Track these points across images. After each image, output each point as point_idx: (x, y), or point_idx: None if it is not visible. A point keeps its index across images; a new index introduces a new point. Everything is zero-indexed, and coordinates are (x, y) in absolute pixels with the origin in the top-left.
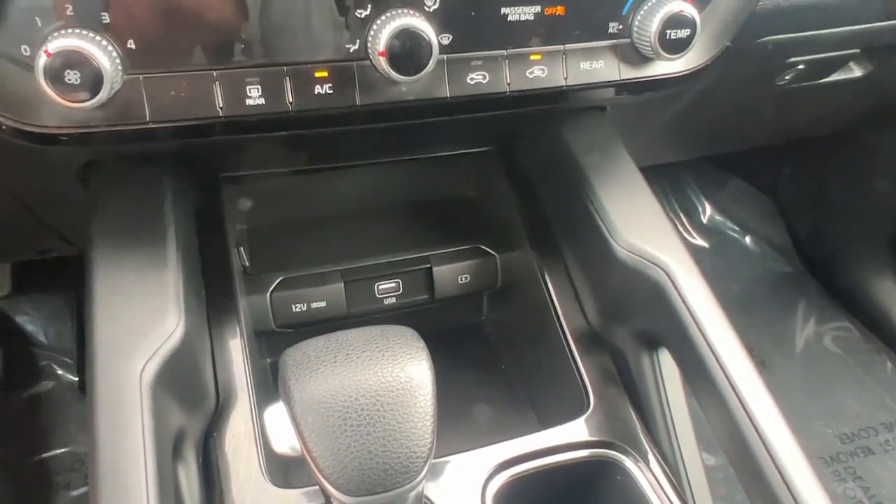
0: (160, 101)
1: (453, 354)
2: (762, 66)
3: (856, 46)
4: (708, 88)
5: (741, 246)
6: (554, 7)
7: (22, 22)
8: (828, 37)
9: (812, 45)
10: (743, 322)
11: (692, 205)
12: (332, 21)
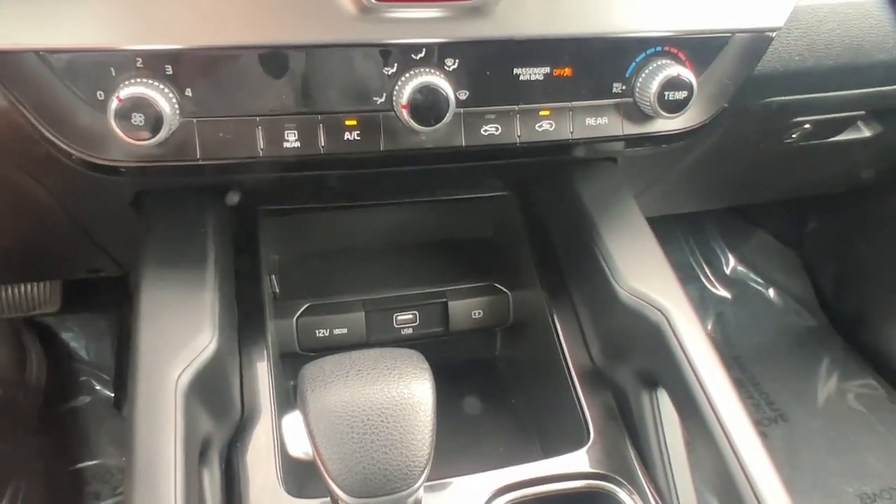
0: (209, 142)
1: (467, 385)
2: (768, 124)
3: (861, 108)
4: (717, 143)
5: (764, 298)
6: (562, 69)
7: (99, 71)
8: (832, 99)
9: (816, 106)
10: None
11: (715, 255)
12: (362, 77)
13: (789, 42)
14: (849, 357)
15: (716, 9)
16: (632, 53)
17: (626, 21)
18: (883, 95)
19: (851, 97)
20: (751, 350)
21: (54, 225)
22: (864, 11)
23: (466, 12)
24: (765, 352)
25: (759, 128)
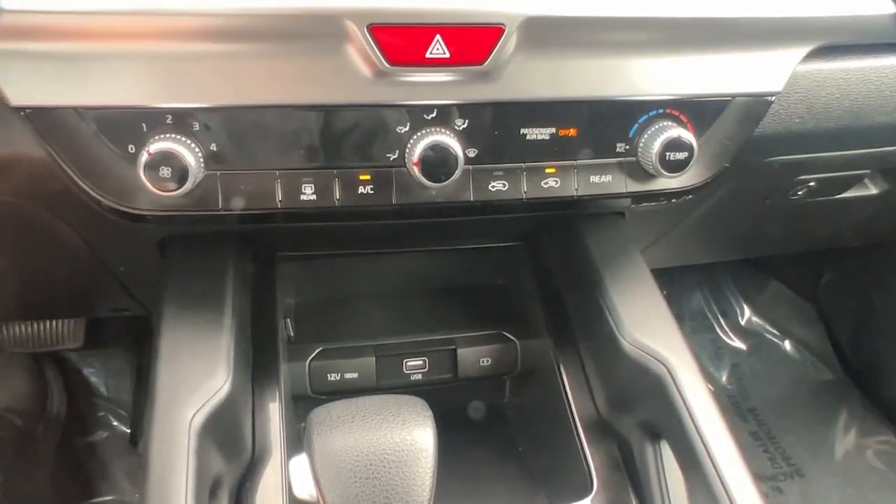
0: (231, 193)
1: (474, 432)
2: (772, 181)
3: (866, 167)
4: (723, 198)
5: (780, 350)
6: (567, 129)
7: (131, 126)
8: (836, 158)
9: (821, 165)
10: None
11: (730, 305)
12: (376, 135)
13: (789, 105)
14: (867, 412)
15: (716, 73)
16: (634, 115)
17: (628, 85)
18: (887, 155)
19: (855, 156)
20: (767, 402)
21: (82, 265)
22: (862, 76)
23: (476, 76)
24: (781, 404)
25: (763, 185)
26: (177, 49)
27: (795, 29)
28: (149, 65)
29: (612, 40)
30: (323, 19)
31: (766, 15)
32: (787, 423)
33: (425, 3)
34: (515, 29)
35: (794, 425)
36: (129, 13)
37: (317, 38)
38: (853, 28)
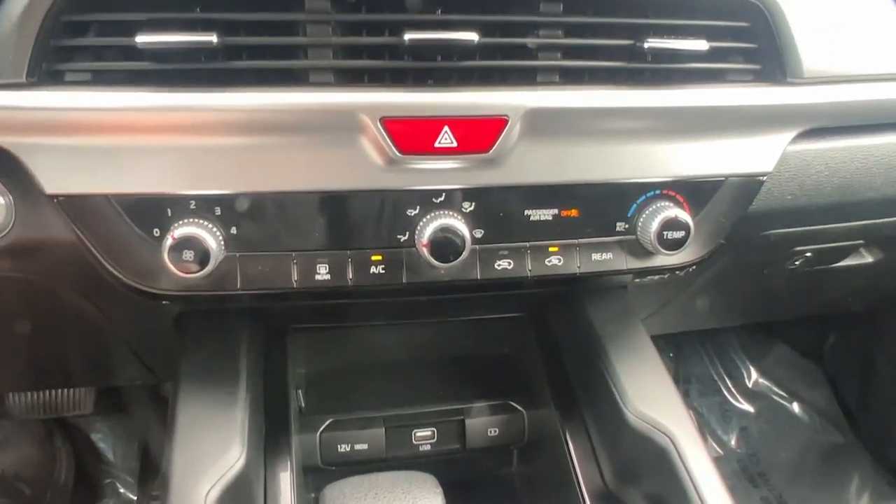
0: (249, 274)
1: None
2: (769, 253)
3: (860, 238)
4: (722, 269)
5: (788, 412)
6: (569, 210)
7: (157, 212)
8: (830, 230)
9: (815, 237)
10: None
11: (736, 368)
12: (388, 218)
13: (780, 183)
14: (879, 476)
15: (709, 156)
16: (632, 196)
17: (625, 168)
18: (878, 227)
19: (848, 228)
20: (777, 467)
21: (100, 338)
22: (848, 155)
23: (481, 163)
24: (792, 469)
25: (761, 256)
26: (201, 141)
27: (782, 115)
28: (175, 155)
29: (608, 128)
30: (339, 114)
31: (755, 103)
32: (799, 489)
33: (434, 97)
34: (518, 119)
35: (806, 491)
36: (156, 109)
37: (333, 131)
38: (835, 113)
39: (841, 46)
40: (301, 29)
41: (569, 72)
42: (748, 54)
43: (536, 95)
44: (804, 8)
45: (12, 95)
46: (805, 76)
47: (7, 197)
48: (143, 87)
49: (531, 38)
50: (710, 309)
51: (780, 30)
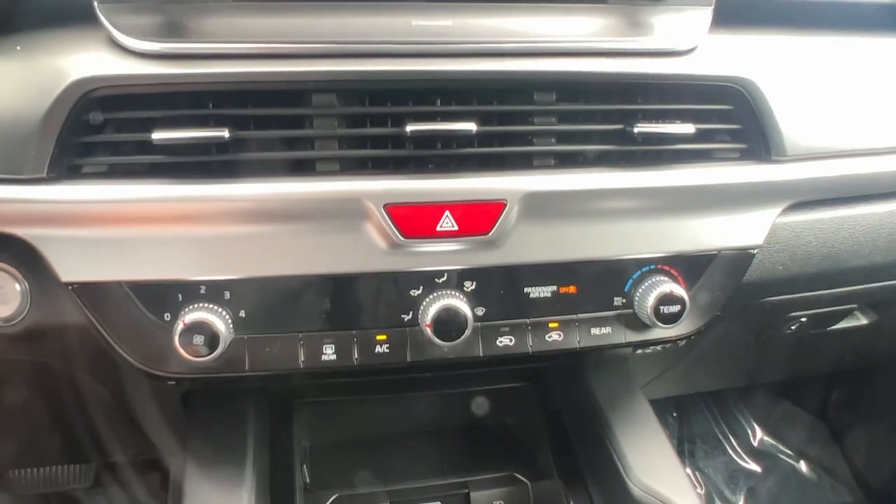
0: (257, 356)
1: None
2: (765, 319)
3: (853, 302)
4: (719, 336)
5: (795, 471)
6: (567, 287)
7: (168, 297)
8: (822, 296)
9: (809, 302)
10: None
11: (741, 428)
12: (392, 299)
13: (771, 255)
14: None
15: (701, 231)
16: (628, 272)
17: (620, 246)
18: (870, 291)
19: (841, 294)
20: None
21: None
22: (835, 225)
23: (482, 245)
24: None
25: (757, 322)
26: (212, 230)
27: (769, 191)
28: (186, 243)
29: (602, 208)
30: (344, 201)
31: (742, 180)
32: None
33: (435, 183)
34: (516, 203)
35: None
36: (168, 200)
37: (339, 217)
38: (820, 187)
39: (822, 124)
40: (308, 121)
41: (563, 156)
42: (733, 134)
43: (533, 179)
44: (784, 90)
45: (33, 190)
46: (788, 154)
47: (23, 284)
48: (156, 180)
49: (526, 126)
50: (710, 372)
51: (762, 111)
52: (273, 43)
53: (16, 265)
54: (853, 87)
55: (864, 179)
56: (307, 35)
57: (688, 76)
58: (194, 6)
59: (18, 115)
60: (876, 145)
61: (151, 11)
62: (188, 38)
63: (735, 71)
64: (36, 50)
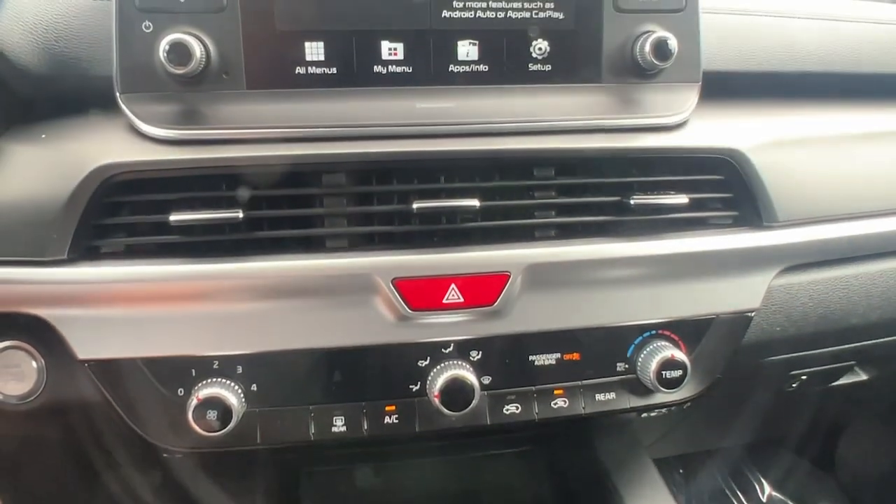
0: (268, 429)
1: None
2: (766, 378)
3: (852, 359)
4: (721, 396)
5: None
6: (571, 354)
7: (182, 372)
8: (821, 354)
9: (808, 361)
10: None
11: (749, 483)
12: (400, 370)
13: (768, 316)
14: None
15: (699, 297)
16: (630, 338)
17: (621, 312)
18: (868, 348)
19: (839, 351)
20: None
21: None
22: (830, 285)
23: (487, 315)
24: None
25: (759, 382)
26: (225, 307)
27: (763, 256)
28: (200, 320)
29: (602, 277)
30: (354, 277)
31: (736, 247)
32: None
33: (440, 257)
34: (519, 274)
35: None
36: (183, 279)
37: (348, 292)
38: (812, 251)
39: (810, 190)
40: (318, 200)
41: (563, 227)
42: (726, 202)
43: (535, 251)
44: (772, 158)
45: (54, 272)
46: (780, 220)
47: (40, 362)
48: (171, 259)
49: (527, 200)
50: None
51: (751, 180)
52: (284, 128)
53: (33, 343)
54: (840, 154)
55: (854, 241)
56: (316, 119)
57: (679, 149)
58: (209, 94)
59: (43, 201)
60: (863, 209)
61: (169, 100)
62: (204, 125)
63: (723, 143)
64: (60, 137)
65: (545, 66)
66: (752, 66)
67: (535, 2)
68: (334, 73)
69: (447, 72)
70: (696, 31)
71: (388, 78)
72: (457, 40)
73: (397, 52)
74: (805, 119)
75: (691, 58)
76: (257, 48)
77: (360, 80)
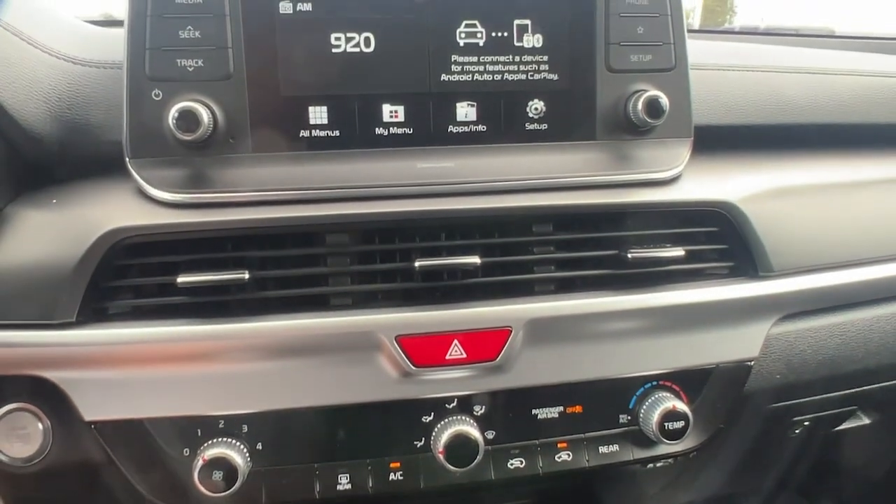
0: (273, 488)
1: None
2: (769, 425)
3: (853, 404)
4: (726, 443)
5: None
6: (574, 407)
7: (187, 432)
8: (822, 400)
9: (810, 407)
10: None
11: None
12: (404, 426)
13: (768, 365)
14: None
15: (698, 347)
16: (632, 389)
17: (622, 365)
18: (868, 393)
19: (840, 397)
20: None
21: None
22: (827, 332)
23: (489, 370)
24: None
25: (762, 428)
26: (231, 367)
27: (759, 306)
28: (206, 380)
29: (602, 330)
30: (358, 335)
31: (732, 297)
32: None
33: (443, 314)
34: (521, 329)
35: None
36: (189, 340)
37: (352, 350)
38: (808, 300)
39: (804, 240)
40: (322, 260)
41: (562, 282)
42: (721, 253)
43: (535, 306)
44: (765, 209)
45: (62, 335)
46: (775, 269)
47: (46, 423)
48: (178, 320)
49: (527, 255)
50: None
51: (745, 232)
52: (288, 190)
53: (39, 405)
54: (830, 203)
55: (848, 289)
56: (320, 181)
57: (673, 203)
58: (216, 158)
59: (53, 265)
60: (856, 256)
61: (177, 164)
62: (210, 188)
63: (716, 196)
64: (70, 202)
65: (541, 125)
66: (741, 119)
67: (531, 64)
68: (337, 136)
69: (446, 132)
70: (686, 89)
71: (389, 139)
72: (455, 102)
73: (398, 114)
74: (796, 169)
75: (683, 114)
76: (262, 113)
77: (362, 141)
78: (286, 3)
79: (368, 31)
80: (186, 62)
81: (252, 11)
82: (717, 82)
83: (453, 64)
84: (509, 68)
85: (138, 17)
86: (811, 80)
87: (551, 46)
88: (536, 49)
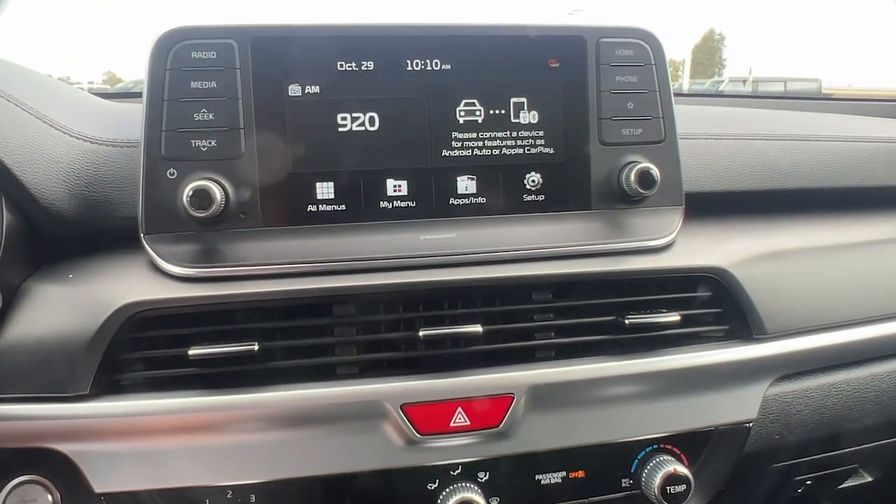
0: None
1: None
2: (770, 485)
3: (854, 463)
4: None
5: None
6: (576, 472)
7: (195, 502)
8: (823, 459)
9: (810, 466)
10: None
11: None
12: (409, 493)
13: (766, 426)
14: None
15: (696, 410)
16: (633, 453)
17: (623, 429)
18: (867, 451)
19: (840, 455)
20: None
21: None
22: (823, 392)
23: (493, 436)
24: None
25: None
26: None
27: (755, 367)
28: (215, 451)
29: (602, 394)
30: (364, 404)
31: (728, 360)
32: None
33: (447, 382)
34: (523, 395)
35: None
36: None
37: (358, 419)
38: (802, 361)
39: (797, 302)
40: (329, 330)
41: (563, 348)
42: (716, 317)
43: (536, 372)
44: (757, 274)
45: (75, 407)
46: (768, 331)
47: (56, 495)
48: (189, 391)
49: (527, 323)
50: None
51: (738, 296)
52: (296, 263)
53: (50, 477)
54: (820, 265)
55: (842, 349)
56: (327, 254)
57: (667, 269)
58: (227, 233)
59: (68, 338)
60: (848, 317)
61: (190, 239)
62: (222, 262)
63: (708, 261)
64: (86, 277)
65: (539, 197)
66: (730, 185)
67: (528, 139)
68: (343, 210)
69: (448, 205)
70: (676, 159)
71: (393, 212)
72: (456, 176)
73: (401, 188)
74: (785, 233)
75: (674, 184)
76: (272, 189)
77: (367, 215)
78: (295, 86)
79: (373, 110)
80: (200, 142)
81: (263, 94)
82: (706, 151)
83: (454, 140)
84: (507, 143)
85: (155, 102)
86: (796, 147)
87: (546, 122)
88: (532, 125)
